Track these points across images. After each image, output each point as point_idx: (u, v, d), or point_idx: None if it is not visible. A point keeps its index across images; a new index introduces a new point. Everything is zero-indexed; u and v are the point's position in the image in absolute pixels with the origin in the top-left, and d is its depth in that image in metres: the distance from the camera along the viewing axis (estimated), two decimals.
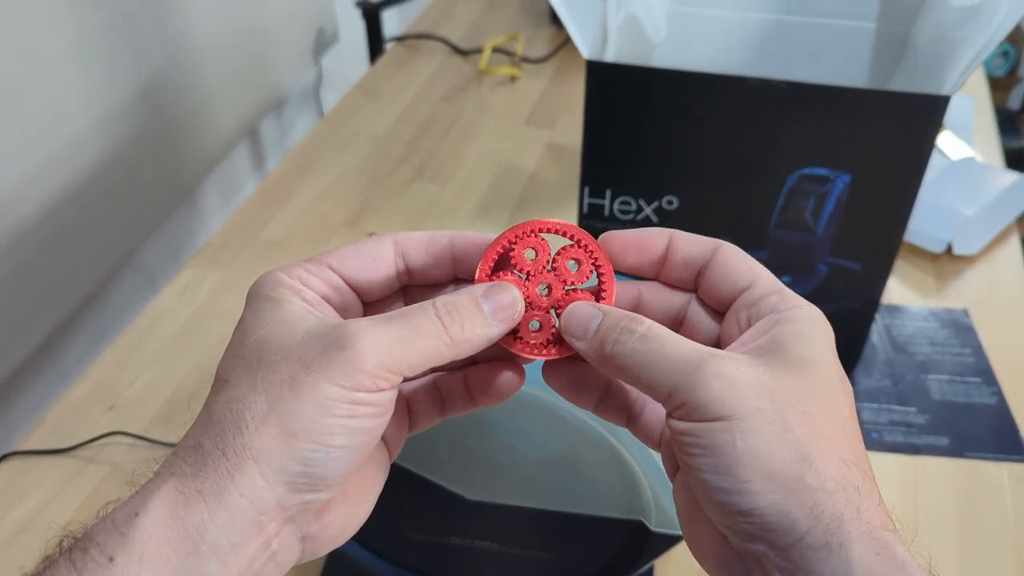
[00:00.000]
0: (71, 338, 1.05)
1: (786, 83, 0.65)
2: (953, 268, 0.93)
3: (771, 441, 0.28)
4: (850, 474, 0.28)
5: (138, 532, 0.27)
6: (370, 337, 0.29)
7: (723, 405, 0.28)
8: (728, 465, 0.28)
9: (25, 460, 0.73)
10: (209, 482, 0.28)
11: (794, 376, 0.29)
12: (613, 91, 0.68)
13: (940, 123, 0.64)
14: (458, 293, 0.32)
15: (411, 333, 0.30)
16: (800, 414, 0.28)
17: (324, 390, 0.28)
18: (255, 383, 0.29)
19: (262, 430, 0.28)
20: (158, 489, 0.28)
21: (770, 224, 0.72)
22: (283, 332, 0.30)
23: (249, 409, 0.29)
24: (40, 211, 0.91)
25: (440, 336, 0.31)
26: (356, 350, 0.29)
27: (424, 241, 0.34)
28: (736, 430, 0.28)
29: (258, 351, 0.30)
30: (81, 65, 0.94)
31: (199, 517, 0.27)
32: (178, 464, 0.29)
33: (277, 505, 0.28)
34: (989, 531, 0.68)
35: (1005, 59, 2.35)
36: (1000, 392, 0.79)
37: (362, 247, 0.34)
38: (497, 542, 0.54)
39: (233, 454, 0.28)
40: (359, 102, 1.25)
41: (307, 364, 0.29)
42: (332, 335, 0.29)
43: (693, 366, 0.29)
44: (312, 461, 0.28)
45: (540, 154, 1.13)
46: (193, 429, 0.30)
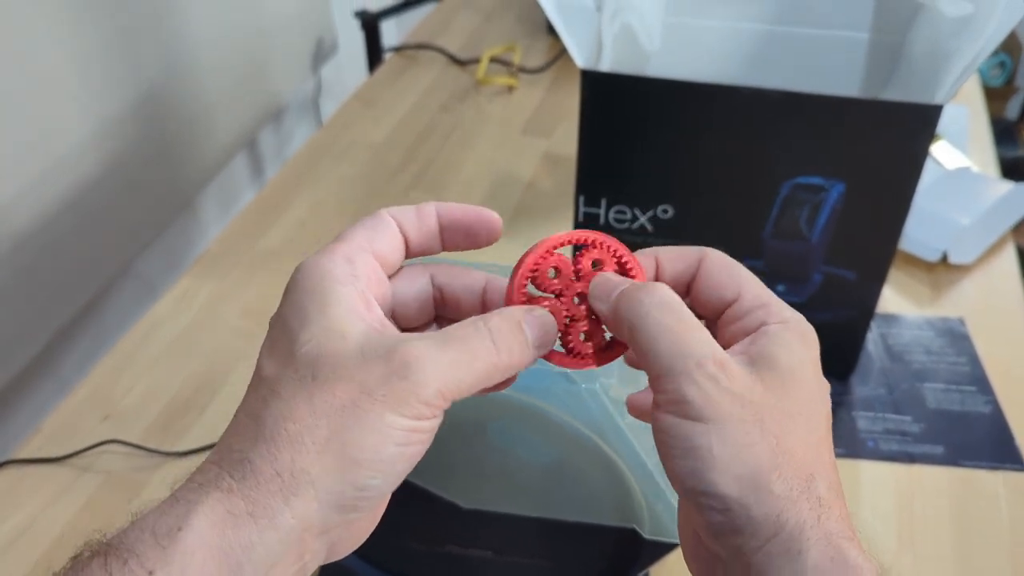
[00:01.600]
0: (70, 346, 1.05)
1: (780, 92, 0.65)
2: (949, 277, 0.93)
3: (745, 449, 0.29)
4: (814, 485, 0.29)
5: (180, 548, 0.26)
6: (431, 364, 0.29)
7: (708, 408, 0.29)
8: (703, 468, 0.29)
9: (20, 469, 0.73)
10: (261, 504, 0.27)
11: (779, 387, 0.30)
12: (608, 101, 0.68)
13: (933, 132, 0.65)
14: (503, 317, 0.32)
15: (468, 359, 0.30)
16: (778, 425, 0.30)
17: (387, 419, 0.28)
18: (312, 404, 0.28)
19: (323, 456, 0.28)
20: (201, 502, 0.27)
21: (765, 233, 0.72)
22: (337, 345, 0.29)
23: (309, 432, 0.28)
24: (39, 219, 0.91)
25: (493, 361, 0.30)
26: (418, 379, 0.28)
27: (412, 217, 0.34)
28: (714, 435, 0.29)
29: (312, 366, 0.29)
30: (81, 75, 0.94)
31: (247, 537, 0.27)
32: (224, 478, 0.28)
33: (321, 523, 0.28)
34: (984, 540, 0.68)
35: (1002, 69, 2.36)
36: (995, 401, 0.79)
37: (376, 226, 0.33)
38: (492, 550, 0.54)
39: (290, 477, 0.27)
40: (357, 112, 1.26)
41: (370, 391, 0.28)
42: (394, 360, 0.29)
43: (694, 361, 0.30)
44: (369, 487, 0.28)
45: (537, 163, 1.13)
46: (236, 439, 0.29)
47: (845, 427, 0.77)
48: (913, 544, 0.68)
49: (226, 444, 0.29)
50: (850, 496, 0.71)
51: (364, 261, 0.32)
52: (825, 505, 0.29)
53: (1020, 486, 0.72)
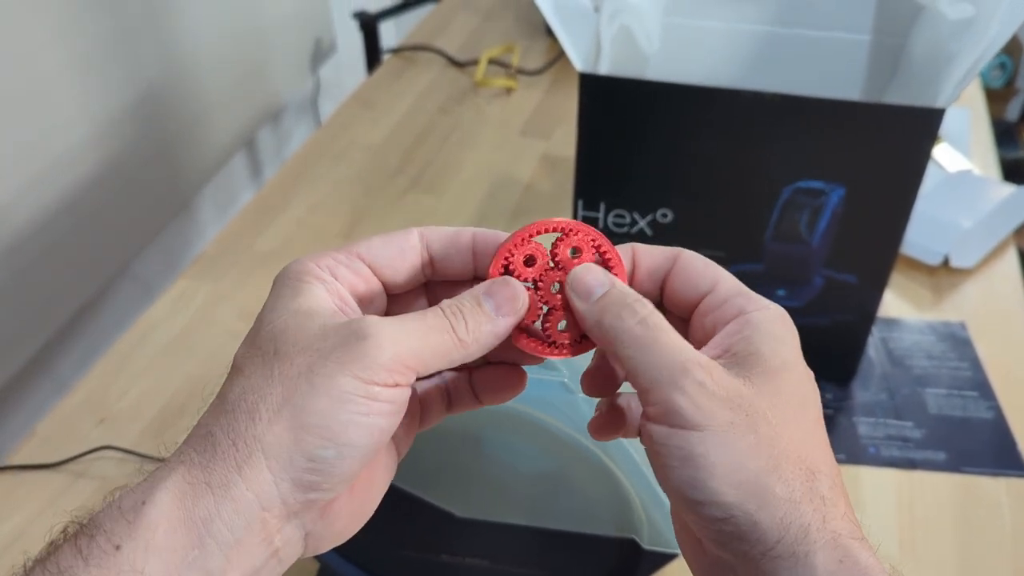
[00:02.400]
0: (68, 347, 1.04)
1: (780, 95, 0.64)
2: (950, 281, 0.93)
3: (742, 454, 0.28)
4: (816, 484, 0.29)
5: (145, 521, 0.27)
6: (387, 331, 0.29)
7: (700, 414, 0.29)
8: (702, 478, 0.28)
9: (14, 475, 0.72)
10: (217, 473, 0.27)
11: (768, 384, 0.30)
12: (607, 103, 0.68)
13: (935, 136, 0.64)
14: (461, 295, 0.32)
15: (425, 330, 0.30)
16: (772, 425, 0.29)
17: (340, 382, 0.28)
18: (271, 373, 0.29)
19: (275, 422, 0.28)
20: (167, 478, 0.27)
21: (765, 237, 0.71)
22: (301, 323, 0.30)
23: (264, 400, 0.28)
24: (37, 220, 0.91)
25: (449, 335, 0.31)
26: (374, 341, 0.29)
27: (448, 236, 0.34)
28: (710, 442, 0.28)
29: (275, 341, 0.29)
30: (78, 76, 0.94)
31: (206, 509, 0.27)
32: (188, 452, 0.28)
33: (280, 502, 0.28)
34: (987, 547, 0.67)
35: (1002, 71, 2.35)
36: (998, 406, 0.78)
37: (391, 237, 0.34)
38: (488, 560, 0.53)
39: (244, 444, 0.28)
40: (355, 113, 1.25)
41: (325, 355, 0.28)
42: (350, 328, 0.29)
43: (680, 369, 0.29)
44: (321, 459, 0.28)
45: (535, 165, 1.13)
46: (205, 417, 0.29)
47: (846, 433, 0.76)
48: (915, 552, 0.67)
49: (197, 424, 0.29)
50: (852, 503, 0.70)
51: (351, 265, 0.32)
52: (830, 504, 0.29)
53: (1022, 492, 0.71)
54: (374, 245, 0.33)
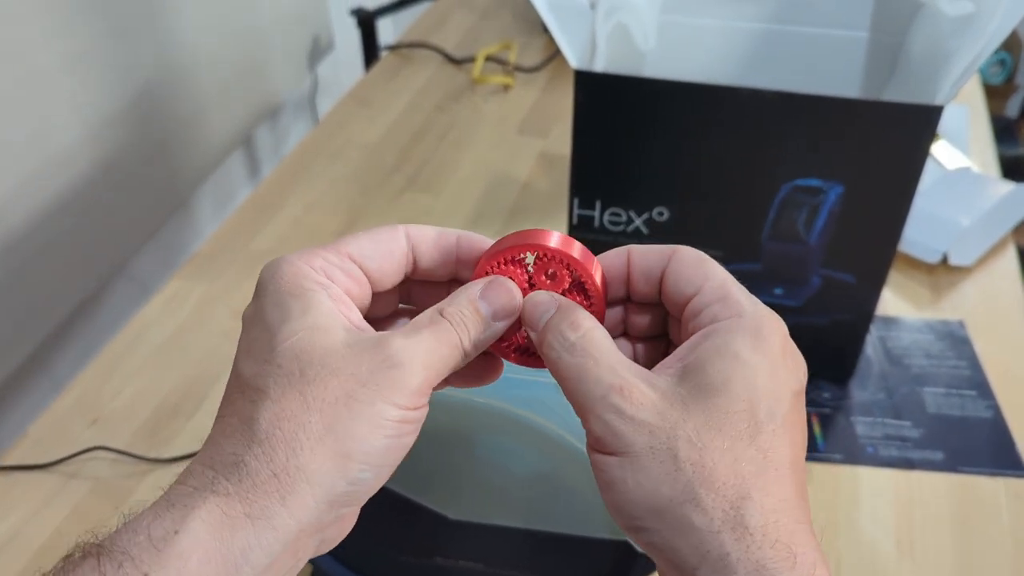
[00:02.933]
0: (64, 347, 1.04)
1: (778, 93, 0.64)
2: (949, 279, 0.92)
3: (658, 481, 0.28)
4: (743, 512, 0.27)
5: (176, 551, 0.26)
6: (418, 357, 0.29)
7: (617, 441, 0.29)
8: (622, 502, 0.29)
9: (6, 476, 0.72)
10: (258, 505, 0.27)
11: (703, 403, 0.29)
12: (602, 101, 0.67)
13: (934, 133, 0.64)
14: (458, 299, 0.32)
15: (441, 348, 0.30)
16: (697, 449, 0.28)
17: (379, 409, 0.28)
18: (306, 400, 0.28)
19: (317, 451, 0.28)
20: (198, 507, 0.27)
21: (763, 236, 0.71)
22: (322, 341, 0.29)
23: (304, 429, 0.28)
24: (32, 220, 0.90)
25: (458, 349, 0.31)
26: (407, 368, 0.29)
27: (434, 237, 0.34)
28: (627, 467, 0.28)
29: (298, 361, 0.29)
30: (74, 74, 0.93)
31: (244, 540, 0.27)
32: (220, 482, 0.28)
33: (318, 522, 0.28)
34: (985, 548, 0.67)
35: (1002, 67, 2.35)
36: (996, 405, 0.78)
37: (379, 236, 0.33)
38: (482, 562, 0.53)
39: (287, 476, 0.27)
40: (352, 111, 1.25)
41: (362, 382, 0.28)
42: (381, 352, 0.29)
43: (599, 396, 0.29)
44: (361, 481, 0.28)
45: (533, 163, 1.12)
46: (227, 442, 0.28)
47: (844, 432, 0.75)
48: (913, 552, 0.67)
49: (216, 447, 0.29)
50: (849, 503, 0.70)
51: (343, 266, 0.32)
52: (757, 533, 0.27)
53: (1021, 492, 0.71)
54: (364, 245, 0.33)
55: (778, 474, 0.28)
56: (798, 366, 0.31)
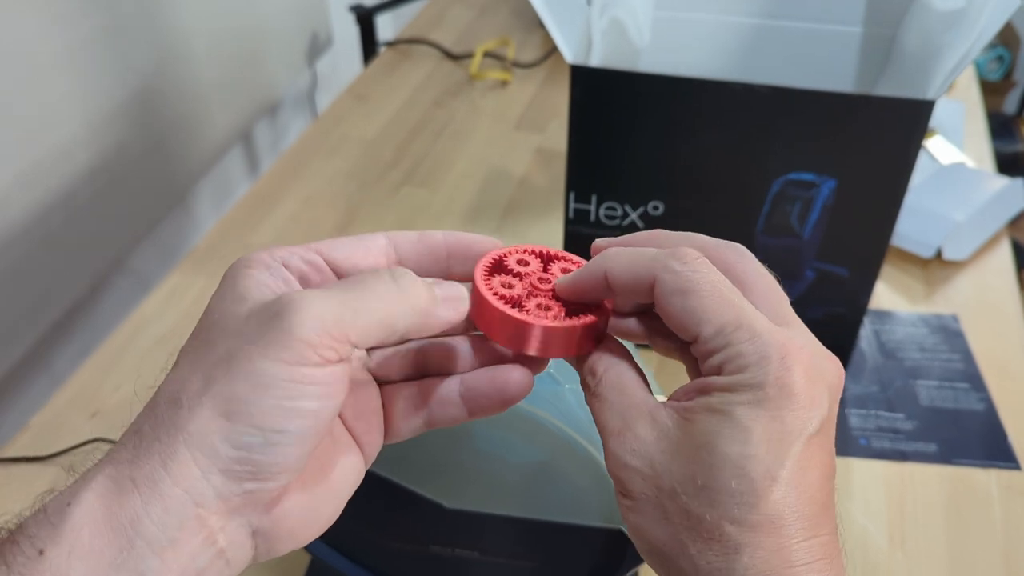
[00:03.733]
0: (63, 342, 1.04)
1: (771, 88, 0.64)
2: (943, 273, 0.93)
3: (654, 526, 0.29)
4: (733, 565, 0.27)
5: (69, 523, 0.25)
6: (309, 303, 0.27)
7: (620, 484, 0.30)
8: (634, 540, 0.30)
9: (5, 468, 0.72)
10: (143, 469, 0.26)
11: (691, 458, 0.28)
12: (598, 96, 0.68)
13: (926, 128, 0.64)
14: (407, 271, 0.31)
15: (359, 294, 0.28)
16: (680, 503, 0.28)
17: (260, 365, 0.26)
18: (195, 362, 0.27)
19: (196, 411, 0.26)
20: (93, 477, 0.26)
21: (756, 230, 0.71)
22: (233, 309, 0.28)
23: (184, 389, 0.27)
24: (31, 215, 0.91)
25: (396, 299, 0.28)
26: (293, 317, 0.26)
27: (415, 235, 0.33)
28: (630, 509, 0.30)
29: (208, 331, 0.28)
30: (73, 68, 0.94)
31: (132, 509, 0.25)
32: (118, 450, 0.27)
33: (216, 496, 0.26)
34: (977, 539, 0.67)
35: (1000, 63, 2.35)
36: (989, 398, 0.78)
37: (357, 237, 0.33)
38: (477, 550, 0.53)
39: (167, 437, 0.26)
40: (349, 106, 1.25)
41: (248, 339, 0.27)
42: (270, 306, 0.27)
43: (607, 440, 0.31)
44: (248, 446, 0.26)
45: (530, 159, 1.13)
46: (138, 417, 0.28)
47: (837, 424, 0.76)
48: (904, 543, 0.67)
49: (133, 420, 0.28)
50: (842, 494, 0.70)
51: (305, 256, 0.31)
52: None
53: (1013, 484, 0.71)
54: (337, 243, 0.32)
55: (774, 527, 0.27)
56: (822, 392, 0.29)
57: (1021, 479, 0.72)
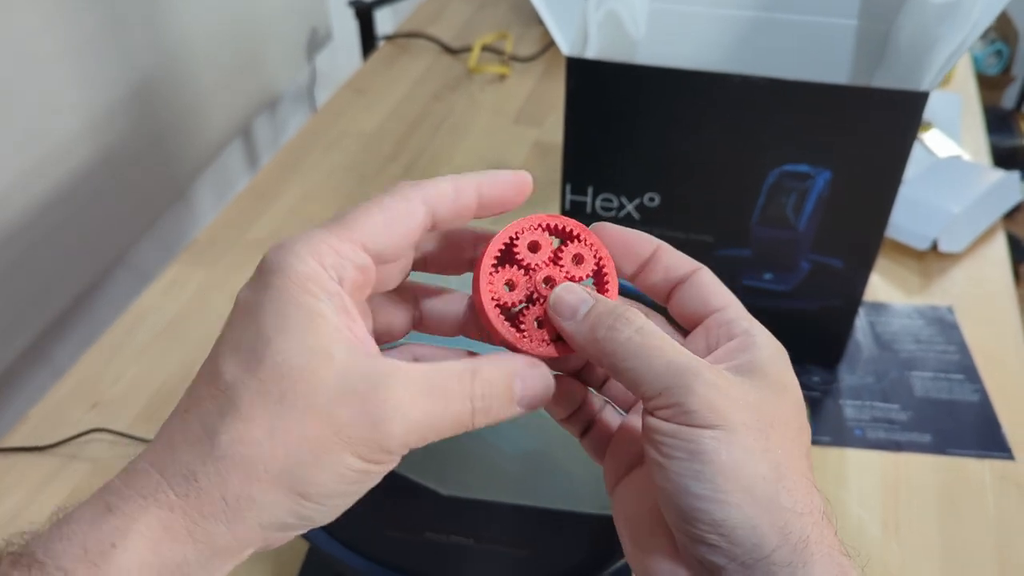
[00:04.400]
0: (64, 336, 1.05)
1: (767, 80, 0.65)
2: (939, 265, 0.93)
3: (754, 456, 0.28)
4: (816, 499, 0.29)
5: (115, 567, 0.25)
6: (405, 416, 0.27)
7: (715, 414, 0.28)
8: (711, 473, 0.28)
9: (6, 458, 0.73)
10: (202, 527, 0.26)
11: (775, 398, 0.30)
12: (594, 88, 0.68)
13: (920, 119, 0.64)
14: (497, 370, 0.30)
15: (442, 413, 0.29)
16: (779, 435, 0.29)
17: (347, 462, 0.27)
18: (274, 431, 0.26)
19: (274, 487, 0.26)
20: (139, 519, 0.25)
21: (752, 221, 0.72)
22: (313, 368, 0.27)
23: (264, 463, 0.26)
24: (32, 210, 0.91)
25: (465, 422, 0.29)
26: (389, 431, 0.27)
27: (452, 198, 0.31)
28: (723, 440, 0.28)
29: (281, 383, 0.26)
30: (73, 64, 0.94)
31: (183, 556, 0.26)
32: (165, 491, 0.26)
33: (262, 542, 0.28)
34: (971, 528, 0.68)
35: (998, 58, 2.35)
36: (983, 389, 0.79)
37: (394, 213, 0.30)
38: (472, 537, 0.54)
39: (236, 504, 0.26)
40: (349, 100, 1.25)
41: (337, 430, 0.26)
42: (369, 402, 0.27)
43: (689, 371, 0.29)
44: (310, 517, 0.28)
45: (528, 152, 1.13)
46: (184, 449, 0.26)
47: (832, 415, 0.76)
48: (899, 532, 0.68)
49: (170, 450, 0.27)
50: (837, 484, 0.71)
51: (355, 259, 0.29)
52: (826, 521, 0.29)
53: (1007, 474, 0.72)
54: (378, 229, 0.29)
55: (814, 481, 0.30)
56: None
57: (1015, 469, 0.72)
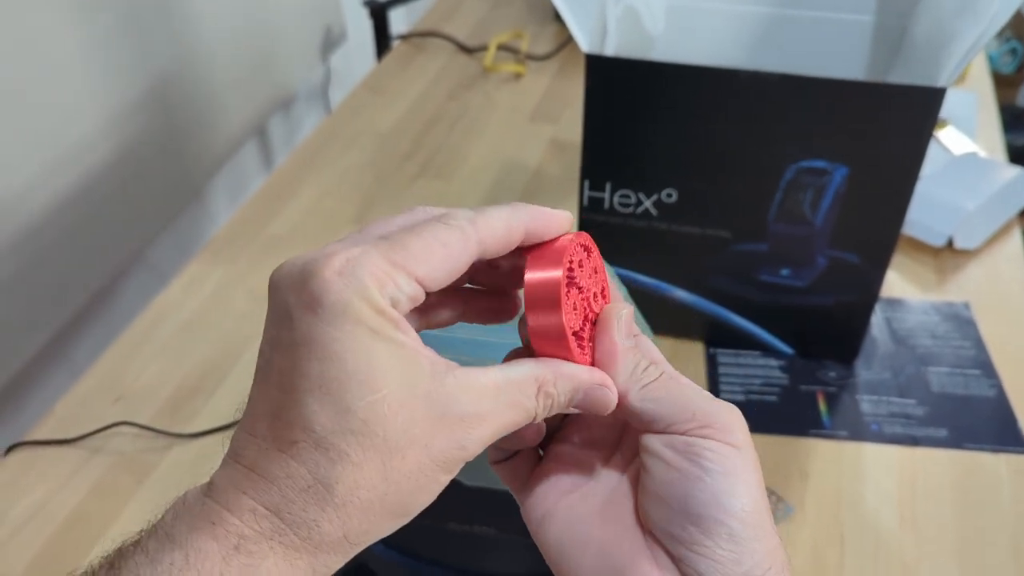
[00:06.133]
0: (82, 333, 1.06)
1: (784, 76, 0.65)
2: (954, 262, 0.93)
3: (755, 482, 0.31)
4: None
5: None
6: (485, 431, 0.29)
7: (738, 437, 0.32)
8: (737, 490, 0.31)
9: (33, 450, 0.74)
10: (322, 560, 0.28)
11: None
12: (613, 85, 0.69)
13: (937, 115, 0.65)
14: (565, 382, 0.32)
15: (513, 422, 0.30)
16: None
17: (440, 479, 0.29)
18: (386, 471, 0.28)
19: (387, 518, 0.29)
20: (267, 557, 0.27)
21: (769, 217, 0.72)
22: (405, 403, 0.28)
23: (381, 501, 0.28)
24: (50, 209, 0.92)
25: (529, 421, 0.31)
26: (473, 445, 0.29)
27: (504, 236, 0.31)
28: (742, 458, 0.31)
29: (383, 425, 0.27)
30: (91, 65, 0.95)
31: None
32: (288, 535, 0.28)
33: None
34: (987, 522, 0.68)
35: (1013, 56, 2.34)
36: (1000, 384, 0.79)
37: (453, 252, 0.29)
38: (495, 528, 0.55)
39: (356, 538, 0.28)
40: (365, 99, 1.26)
41: (433, 457, 0.28)
42: (458, 427, 0.29)
43: (709, 399, 0.32)
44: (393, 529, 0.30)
45: (544, 150, 1.14)
46: (300, 498, 0.27)
47: (849, 410, 0.77)
48: (915, 526, 0.68)
49: (285, 498, 0.28)
50: (854, 479, 0.71)
51: (412, 293, 0.29)
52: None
53: (1023, 468, 0.72)
54: (435, 266, 0.29)
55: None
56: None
57: None
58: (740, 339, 0.81)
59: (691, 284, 0.78)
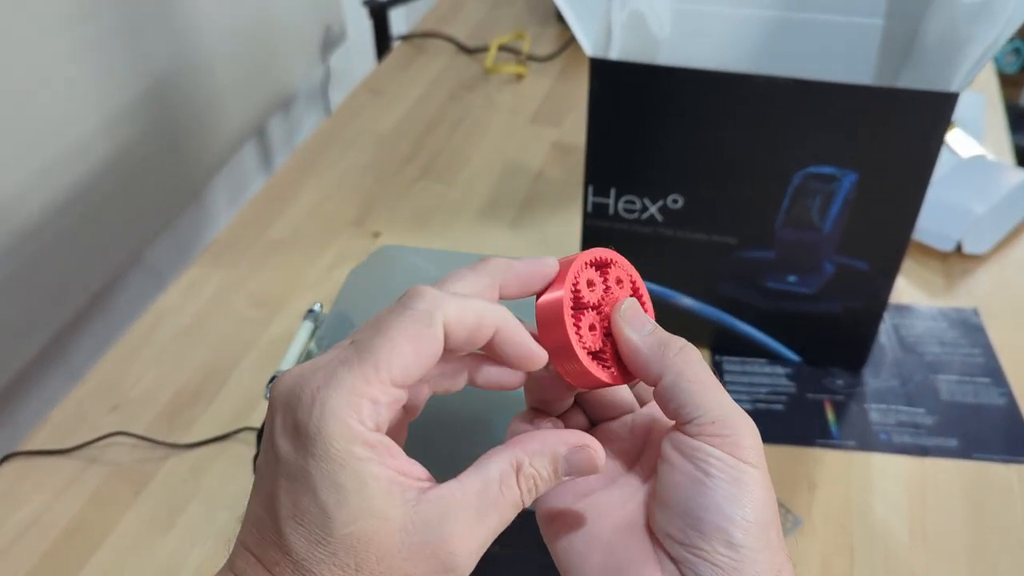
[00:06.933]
0: (80, 337, 1.05)
1: (792, 80, 0.64)
2: (963, 267, 0.92)
3: (766, 499, 0.32)
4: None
5: None
6: (468, 547, 0.30)
7: (754, 455, 0.32)
8: (740, 503, 0.31)
9: (28, 461, 0.73)
10: None
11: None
12: (617, 89, 0.67)
13: (949, 121, 0.64)
14: (542, 458, 0.32)
15: (498, 525, 0.31)
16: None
17: None
18: None
19: None
20: None
21: (777, 223, 0.71)
22: (380, 534, 0.28)
23: None
24: (48, 210, 0.91)
25: (517, 511, 0.32)
26: (457, 564, 0.29)
27: (471, 329, 0.31)
28: (760, 479, 0.32)
29: (355, 554, 0.28)
30: (89, 65, 0.94)
31: None
32: None
33: None
34: (998, 534, 0.67)
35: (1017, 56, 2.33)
36: (1010, 392, 0.78)
37: (421, 345, 0.30)
38: (498, 544, 0.53)
39: None
40: (365, 101, 1.25)
41: None
42: (438, 557, 0.29)
43: (741, 414, 0.32)
44: None
45: (546, 153, 1.12)
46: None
47: (857, 420, 0.76)
48: (925, 538, 0.67)
49: None
50: (862, 489, 0.70)
51: (390, 405, 0.30)
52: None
53: None
54: (408, 363, 0.30)
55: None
56: None
57: None
58: (746, 346, 0.80)
59: (697, 291, 0.77)
